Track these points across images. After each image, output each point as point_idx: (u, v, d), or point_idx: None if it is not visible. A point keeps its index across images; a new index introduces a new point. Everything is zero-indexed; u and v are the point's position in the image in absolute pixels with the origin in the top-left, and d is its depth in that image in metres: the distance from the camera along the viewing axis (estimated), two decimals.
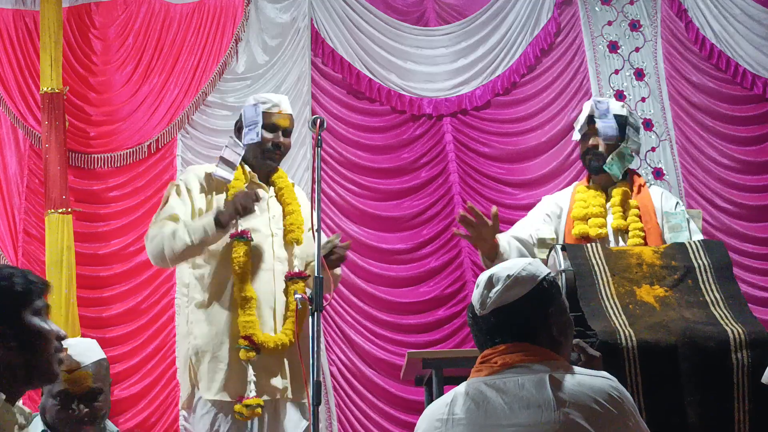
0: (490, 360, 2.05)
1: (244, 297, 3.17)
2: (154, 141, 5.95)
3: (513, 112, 6.15)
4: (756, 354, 2.61)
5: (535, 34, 6.17)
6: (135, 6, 6.16)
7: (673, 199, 3.61)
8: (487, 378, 2.02)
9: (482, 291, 2.11)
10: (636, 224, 3.48)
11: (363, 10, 6.17)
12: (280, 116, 3.37)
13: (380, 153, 6.03)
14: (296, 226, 3.32)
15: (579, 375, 2.00)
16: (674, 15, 6.20)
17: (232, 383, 3.16)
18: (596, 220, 3.53)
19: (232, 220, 3.17)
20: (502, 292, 2.07)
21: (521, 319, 2.06)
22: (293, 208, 3.35)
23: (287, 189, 3.40)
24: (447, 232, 5.91)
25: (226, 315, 3.20)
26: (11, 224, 5.78)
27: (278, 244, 3.31)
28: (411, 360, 3.44)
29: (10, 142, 5.93)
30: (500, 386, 1.99)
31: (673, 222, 3.41)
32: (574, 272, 2.87)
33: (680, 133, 6.06)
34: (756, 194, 6.00)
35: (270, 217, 3.33)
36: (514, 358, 2.02)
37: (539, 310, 2.07)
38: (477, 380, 2.04)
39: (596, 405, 1.92)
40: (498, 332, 2.08)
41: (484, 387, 2.00)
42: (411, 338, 5.68)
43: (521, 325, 2.06)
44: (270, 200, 3.37)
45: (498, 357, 2.04)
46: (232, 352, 3.16)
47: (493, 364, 2.03)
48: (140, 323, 5.70)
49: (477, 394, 2.00)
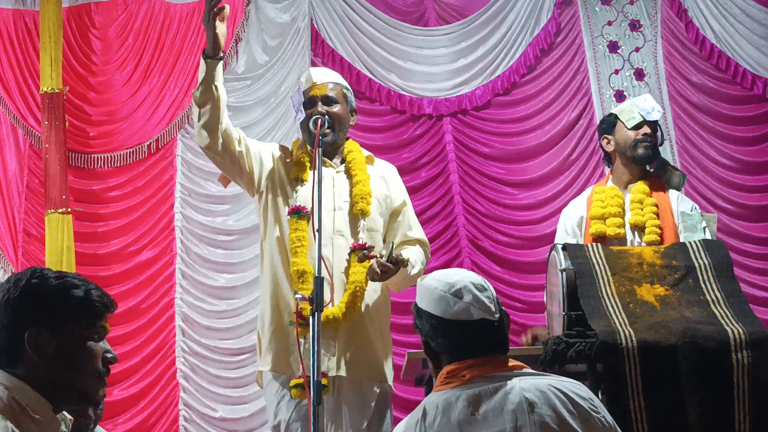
0: (457, 374, 2.07)
1: (298, 271, 3.14)
2: (154, 141, 5.95)
3: (513, 112, 6.15)
4: (756, 354, 2.61)
5: (535, 34, 6.17)
6: (135, 6, 6.15)
7: (690, 202, 3.69)
8: (456, 390, 2.04)
9: (487, 294, 2.12)
10: (653, 221, 3.52)
11: (363, 10, 6.17)
12: (314, 87, 3.34)
13: (380, 153, 5.98)
14: (361, 197, 3.27)
15: (546, 378, 2.04)
16: (674, 15, 6.19)
17: (282, 359, 3.16)
18: (614, 219, 3.58)
19: (211, 33, 3.15)
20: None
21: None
22: (360, 179, 3.30)
23: (355, 162, 3.34)
24: (447, 232, 5.91)
25: (278, 289, 3.20)
26: (11, 224, 5.77)
27: (341, 218, 3.26)
28: (411, 360, 3.44)
29: (10, 142, 5.92)
30: (471, 397, 2.01)
31: (689, 223, 3.44)
32: (574, 271, 2.87)
33: (680, 133, 6.05)
34: (756, 194, 5.99)
35: (334, 192, 3.27)
36: (483, 370, 2.05)
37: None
38: (446, 393, 2.05)
39: (564, 407, 1.96)
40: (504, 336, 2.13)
41: (454, 399, 2.02)
42: (411, 338, 5.67)
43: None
44: (337, 175, 3.33)
45: (466, 371, 2.06)
46: (281, 327, 3.16)
47: (462, 377, 2.06)
48: (140, 323, 5.70)
49: (447, 406, 2.01)
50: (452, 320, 2.10)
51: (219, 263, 5.84)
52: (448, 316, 2.10)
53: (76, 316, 1.79)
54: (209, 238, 5.86)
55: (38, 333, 1.75)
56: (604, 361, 2.64)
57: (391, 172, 3.50)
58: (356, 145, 3.44)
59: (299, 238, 3.18)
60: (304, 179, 3.30)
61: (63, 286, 1.79)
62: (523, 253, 5.89)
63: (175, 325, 5.71)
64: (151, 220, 5.89)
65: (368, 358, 3.21)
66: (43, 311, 1.77)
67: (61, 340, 1.77)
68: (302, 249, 3.17)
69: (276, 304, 3.22)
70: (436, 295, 2.13)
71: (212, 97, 3.16)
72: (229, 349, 5.64)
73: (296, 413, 3.12)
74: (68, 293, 1.79)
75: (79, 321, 1.79)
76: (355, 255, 3.20)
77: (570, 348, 2.69)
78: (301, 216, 3.20)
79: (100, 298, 1.82)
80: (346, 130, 3.42)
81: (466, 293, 2.10)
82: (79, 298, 1.79)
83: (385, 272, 3.08)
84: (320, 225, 2.84)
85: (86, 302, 1.80)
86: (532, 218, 5.96)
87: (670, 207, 3.56)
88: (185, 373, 5.64)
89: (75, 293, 1.79)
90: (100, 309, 1.82)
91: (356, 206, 3.26)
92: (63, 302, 1.78)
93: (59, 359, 1.76)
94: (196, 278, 5.80)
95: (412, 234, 3.41)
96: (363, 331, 3.19)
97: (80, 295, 1.79)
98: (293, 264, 3.16)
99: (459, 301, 2.10)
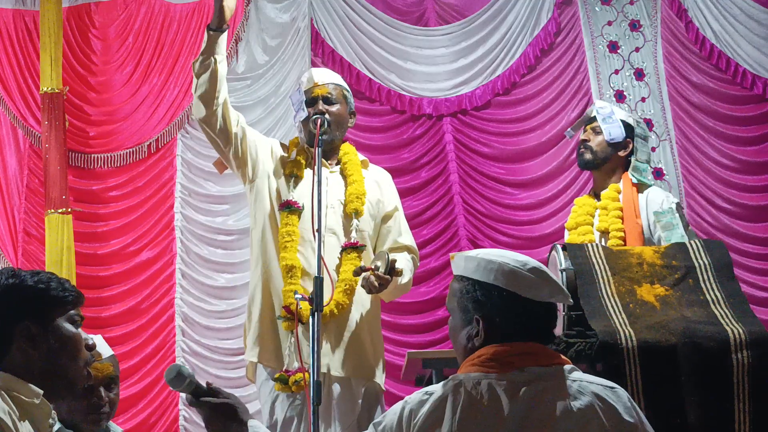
0: (502, 359, 1.93)
1: (286, 266, 3.15)
2: (154, 141, 5.95)
3: (513, 112, 6.15)
4: (756, 354, 2.61)
5: (535, 34, 6.17)
6: (135, 6, 6.15)
7: (659, 196, 3.58)
8: (498, 375, 1.91)
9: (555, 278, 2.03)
10: (615, 225, 3.51)
11: (363, 10, 6.17)
12: (315, 87, 3.36)
13: (380, 153, 6.02)
14: (355, 197, 3.28)
15: (586, 376, 1.97)
16: (674, 15, 6.19)
17: (270, 351, 3.16)
18: (582, 228, 3.61)
19: (219, 4, 3.13)
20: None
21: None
22: (355, 179, 3.32)
23: (351, 163, 3.37)
24: (447, 232, 5.91)
25: (269, 282, 3.21)
26: (11, 224, 5.78)
27: (333, 216, 3.27)
28: (411, 360, 3.44)
29: (10, 142, 5.93)
30: (513, 388, 1.89)
31: (664, 221, 3.42)
32: (574, 271, 2.87)
33: (680, 133, 6.05)
34: (756, 194, 5.99)
35: (327, 191, 3.26)
36: (536, 359, 1.94)
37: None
38: (484, 376, 1.92)
39: (603, 403, 1.90)
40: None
41: (495, 385, 1.90)
42: (411, 338, 5.68)
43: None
44: (331, 175, 3.34)
45: (515, 357, 1.93)
46: (269, 320, 3.17)
47: (508, 364, 1.92)
48: (140, 323, 5.70)
49: (487, 393, 1.89)
50: (525, 297, 1.95)
51: (219, 263, 5.84)
52: (521, 293, 1.95)
53: (57, 308, 1.93)
54: (209, 238, 5.86)
55: (29, 326, 1.88)
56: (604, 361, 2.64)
57: (385, 177, 3.52)
58: (352, 148, 3.46)
59: (289, 233, 3.20)
60: (299, 176, 3.32)
61: (40, 281, 1.93)
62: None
63: (175, 325, 5.72)
64: (151, 220, 5.89)
65: (358, 356, 3.21)
66: (29, 306, 1.90)
67: (50, 330, 1.91)
68: (292, 244, 3.19)
69: (266, 296, 3.23)
70: (507, 269, 1.98)
71: (210, 68, 3.17)
72: (229, 349, 5.64)
73: (291, 411, 3.12)
74: (46, 287, 1.93)
75: (60, 312, 1.94)
76: (346, 254, 3.22)
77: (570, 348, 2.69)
78: (292, 211, 3.22)
79: (73, 289, 1.98)
80: (344, 131, 3.44)
81: (541, 272, 1.99)
82: (56, 290, 1.94)
83: (382, 284, 3.08)
84: (320, 225, 2.84)
85: (63, 294, 1.95)
86: (532, 218, 5.96)
87: (636, 209, 3.52)
88: None
89: (52, 286, 1.94)
90: (76, 299, 1.98)
91: (350, 205, 3.28)
92: (44, 296, 1.92)
93: (51, 348, 1.90)
94: (196, 278, 5.80)
95: (402, 240, 3.42)
96: (352, 329, 3.20)
97: (57, 288, 1.94)
98: (282, 259, 3.18)
99: (536, 279, 1.97)
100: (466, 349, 2.01)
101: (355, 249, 3.23)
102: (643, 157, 3.63)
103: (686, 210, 5.93)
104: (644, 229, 3.48)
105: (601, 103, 3.83)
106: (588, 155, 3.65)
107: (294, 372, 3.06)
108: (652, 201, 3.54)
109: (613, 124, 3.61)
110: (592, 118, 3.68)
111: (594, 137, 3.65)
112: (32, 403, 1.86)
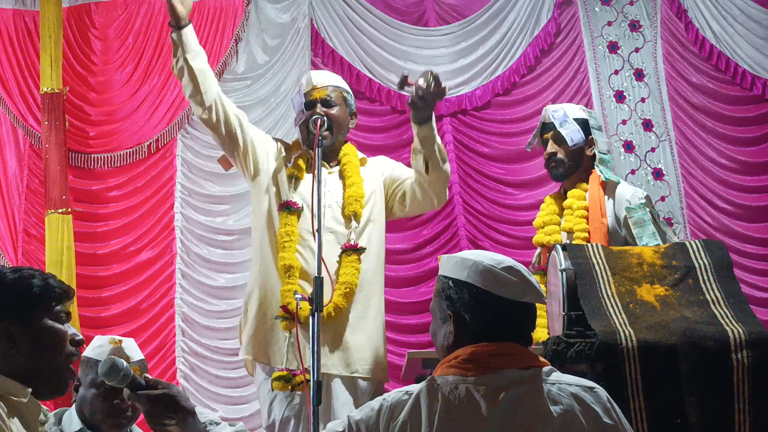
0: (478, 360, 1.91)
1: (285, 265, 3.16)
2: (154, 141, 5.96)
3: (513, 112, 6.15)
4: (756, 354, 2.61)
5: (535, 35, 6.17)
6: (135, 6, 6.16)
7: (627, 191, 3.52)
8: (475, 379, 1.89)
9: (533, 279, 2.02)
10: (579, 225, 3.50)
11: (363, 10, 6.17)
12: (313, 90, 3.36)
13: (380, 153, 6.00)
14: (354, 199, 3.29)
15: (565, 377, 1.97)
16: (674, 15, 6.20)
17: (265, 349, 3.18)
18: (549, 227, 3.62)
19: (169, 2, 3.14)
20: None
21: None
22: (354, 181, 3.33)
23: (350, 164, 3.37)
24: (447, 232, 5.92)
25: (267, 280, 3.22)
26: (11, 224, 5.78)
27: (330, 216, 3.27)
28: (411, 360, 3.44)
29: (10, 142, 5.93)
30: (494, 390, 1.88)
31: (635, 218, 3.41)
32: (574, 271, 2.87)
33: (680, 133, 6.06)
34: (756, 195, 6.00)
35: (325, 192, 3.25)
36: (512, 360, 1.92)
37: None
38: (459, 379, 1.90)
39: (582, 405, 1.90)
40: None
41: (473, 390, 1.88)
42: (411, 338, 5.68)
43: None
44: (329, 176, 3.34)
45: (491, 358, 1.91)
46: (266, 318, 3.19)
47: (485, 365, 1.91)
48: (140, 323, 5.71)
49: (463, 396, 1.88)
50: (496, 295, 1.94)
51: (219, 263, 5.84)
52: (493, 290, 1.95)
53: (40, 304, 1.91)
54: (209, 238, 5.86)
55: (9, 325, 1.86)
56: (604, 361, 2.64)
57: (381, 161, 3.54)
58: (353, 148, 3.46)
59: (288, 233, 3.21)
60: (299, 177, 3.33)
61: (21, 278, 1.91)
62: (523, 253, 5.87)
63: (175, 325, 5.72)
64: (151, 220, 5.89)
65: (357, 356, 3.21)
66: (9, 304, 1.88)
67: (31, 328, 1.88)
68: (290, 244, 3.20)
69: (264, 294, 3.24)
70: (481, 267, 1.97)
71: (186, 68, 3.19)
72: (229, 349, 5.64)
73: (288, 411, 3.13)
74: (27, 284, 1.90)
75: (43, 308, 1.91)
76: (346, 256, 3.23)
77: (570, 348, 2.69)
78: (291, 211, 3.24)
79: (59, 285, 1.95)
80: (344, 134, 3.43)
81: (515, 271, 1.98)
82: (38, 287, 1.91)
83: (422, 97, 3.05)
84: (320, 225, 2.84)
85: (46, 289, 1.92)
86: (532, 218, 5.88)
87: (602, 208, 3.49)
88: (185, 373, 5.65)
89: (34, 282, 1.91)
90: (61, 294, 1.94)
91: (349, 207, 3.29)
92: (25, 293, 1.90)
93: (33, 346, 1.88)
94: (196, 278, 5.81)
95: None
96: (352, 329, 3.20)
97: (40, 284, 1.91)
98: (281, 258, 3.19)
99: (509, 277, 1.96)
100: (444, 349, 2.00)
101: (355, 251, 3.24)
102: (603, 147, 3.59)
103: (686, 210, 5.94)
104: (609, 229, 3.46)
105: (551, 107, 3.76)
106: (560, 169, 3.61)
107: (294, 372, 3.07)
108: (620, 198, 3.50)
109: (570, 128, 3.57)
110: (548, 124, 3.65)
111: (558, 148, 3.60)
112: (20, 402, 1.85)
